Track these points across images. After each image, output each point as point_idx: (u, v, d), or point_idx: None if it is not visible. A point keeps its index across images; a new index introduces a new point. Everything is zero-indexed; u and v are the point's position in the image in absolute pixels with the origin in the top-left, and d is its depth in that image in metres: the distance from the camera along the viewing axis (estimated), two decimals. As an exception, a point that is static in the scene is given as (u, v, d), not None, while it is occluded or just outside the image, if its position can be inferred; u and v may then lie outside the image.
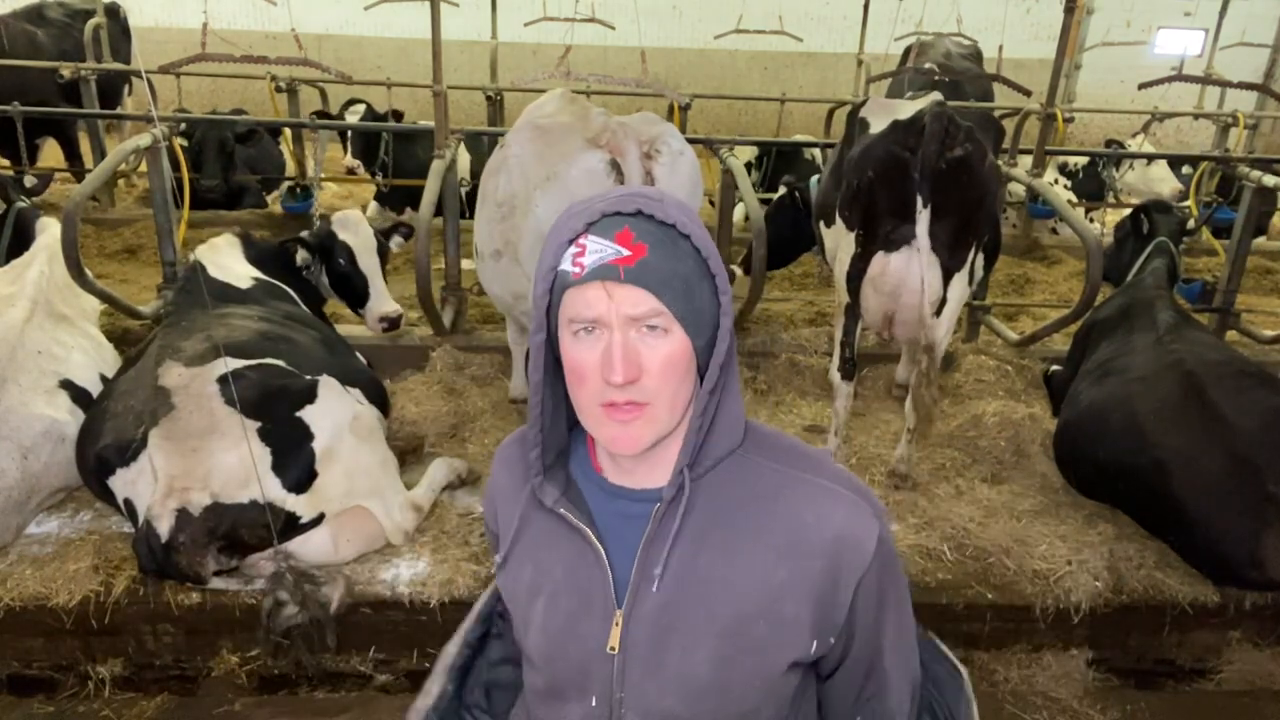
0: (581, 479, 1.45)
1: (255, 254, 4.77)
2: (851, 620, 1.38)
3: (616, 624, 1.36)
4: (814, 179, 6.42)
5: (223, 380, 3.47)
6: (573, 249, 1.28)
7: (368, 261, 5.04)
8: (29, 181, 5.78)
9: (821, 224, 4.53)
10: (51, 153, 8.35)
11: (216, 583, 3.34)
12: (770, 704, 1.39)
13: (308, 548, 3.46)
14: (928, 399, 4.15)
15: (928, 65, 8.26)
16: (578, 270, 1.26)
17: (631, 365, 1.25)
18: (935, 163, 3.65)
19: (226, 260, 4.58)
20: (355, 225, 5.06)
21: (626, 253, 1.25)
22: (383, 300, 5.06)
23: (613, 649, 1.36)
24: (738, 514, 1.36)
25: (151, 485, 3.31)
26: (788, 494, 1.37)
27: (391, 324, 5.05)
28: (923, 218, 3.72)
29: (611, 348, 1.25)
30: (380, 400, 4.30)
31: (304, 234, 5.02)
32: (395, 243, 5.26)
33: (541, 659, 1.43)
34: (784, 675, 1.37)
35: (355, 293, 5.06)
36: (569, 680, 1.40)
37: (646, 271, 1.25)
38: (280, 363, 3.78)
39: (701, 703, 1.35)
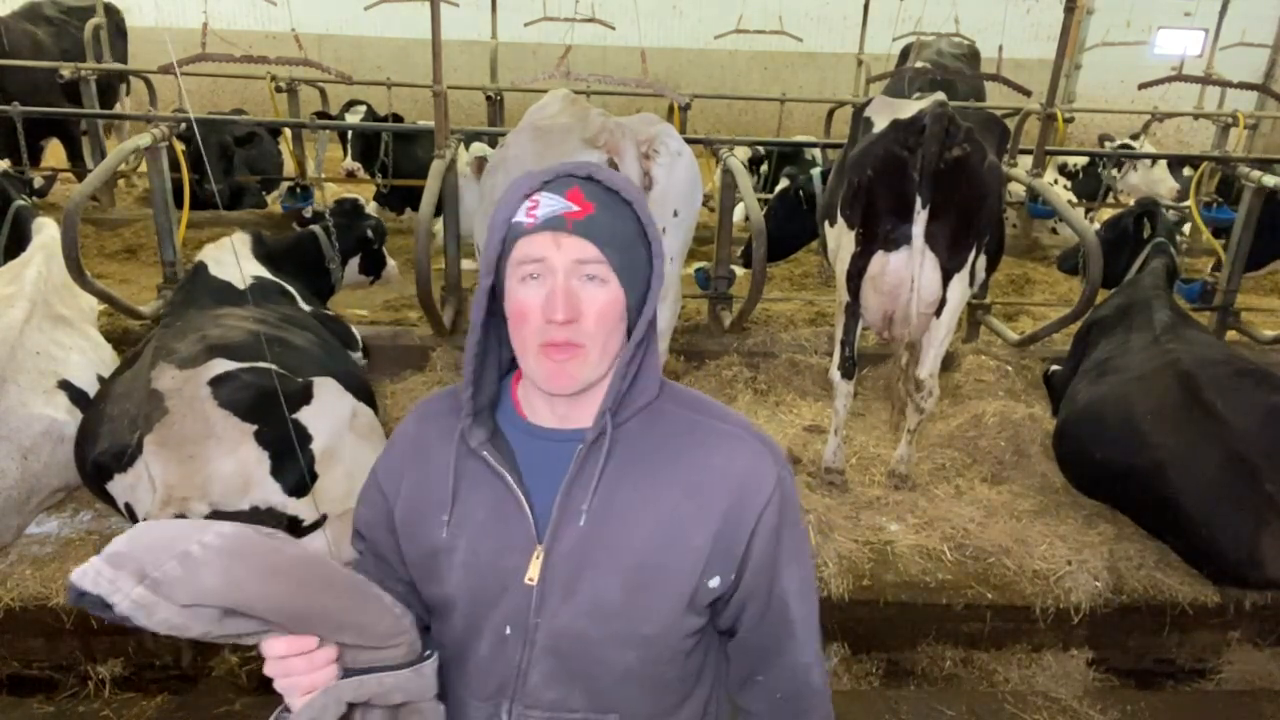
0: (505, 424, 1.55)
1: (265, 252, 4.76)
2: (747, 556, 1.48)
3: (537, 558, 1.45)
4: (815, 172, 6.42)
5: (216, 382, 3.44)
6: (526, 203, 1.41)
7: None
8: (38, 182, 5.77)
9: (825, 223, 4.53)
10: (54, 153, 8.34)
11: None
12: (673, 634, 1.47)
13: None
14: (902, 393, 4.26)
15: (919, 64, 8.25)
16: (530, 221, 1.39)
17: (572, 306, 1.38)
18: (934, 163, 3.65)
19: (232, 259, 4.56)
20: (355, 201, 5.73)
21: (575, 208, 1.39)
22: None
23: (531, 580, 1.45)
24: (653, 456, 1.48)
25: (150, 491, 3.28)
26: (698, 438, 1.50)
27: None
28: (920, 218, 3.72)
29: (555, 290, 1.38)
30: (370, 405, 4.26)
31: (319, 210, 5.63)
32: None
33: (464, 593, 1.50)
34: (687, 606, 1.46)
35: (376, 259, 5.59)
36: (487, 612, 1.48)
37: (592, 225, 1.39)
38: (273, 366, 3.76)
39: (612, 624, 1.45)
